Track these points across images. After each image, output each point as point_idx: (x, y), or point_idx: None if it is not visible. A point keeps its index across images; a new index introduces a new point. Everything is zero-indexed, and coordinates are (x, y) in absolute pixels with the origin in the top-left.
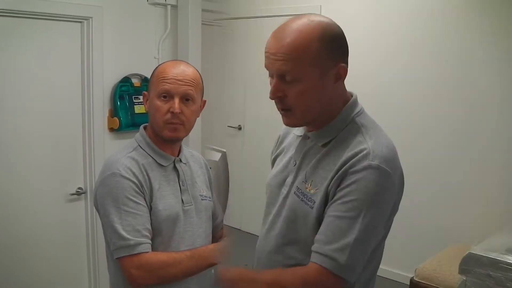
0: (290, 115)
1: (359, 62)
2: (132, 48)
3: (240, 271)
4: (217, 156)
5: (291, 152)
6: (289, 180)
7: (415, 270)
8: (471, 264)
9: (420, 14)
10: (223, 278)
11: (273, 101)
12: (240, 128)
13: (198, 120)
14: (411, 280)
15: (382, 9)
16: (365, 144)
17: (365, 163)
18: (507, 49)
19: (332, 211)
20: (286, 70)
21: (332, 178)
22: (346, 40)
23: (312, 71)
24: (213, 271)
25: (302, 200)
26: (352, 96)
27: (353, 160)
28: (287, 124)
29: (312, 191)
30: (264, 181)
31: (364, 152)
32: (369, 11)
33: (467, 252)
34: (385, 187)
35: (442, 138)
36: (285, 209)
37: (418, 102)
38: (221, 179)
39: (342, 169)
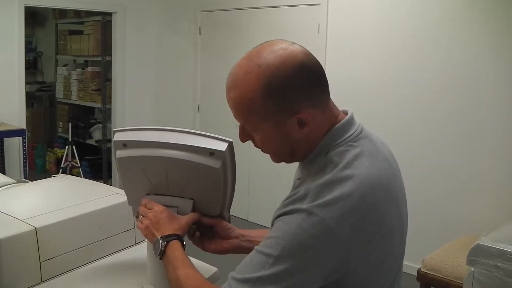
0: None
1: (366, 57)
2: None
3: (177, 255)
4: (223, 146)
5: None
6: None
7: (423, 261)
8: (479, 255)
9: (429, 11)
10: (167, 251)
11: None
12: None
13: (203, 110)
14: (419, 271)
15: (391, 3)
16: (312, 183)
17: (297, 205)
18: None
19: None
20: (240, 122)
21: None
22: (311, 78)
23: (264, 124)
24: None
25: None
26: (340, 121)
27: (290, 199)
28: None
29: None
30: (271, 172)
31: (301, 193)
32: (377, 4)
33: (475, 243)
34: (310, 234)
35: (450, 131)
36: None
37: (425, 98)
38: (227, 169)
39: (282, 204)
